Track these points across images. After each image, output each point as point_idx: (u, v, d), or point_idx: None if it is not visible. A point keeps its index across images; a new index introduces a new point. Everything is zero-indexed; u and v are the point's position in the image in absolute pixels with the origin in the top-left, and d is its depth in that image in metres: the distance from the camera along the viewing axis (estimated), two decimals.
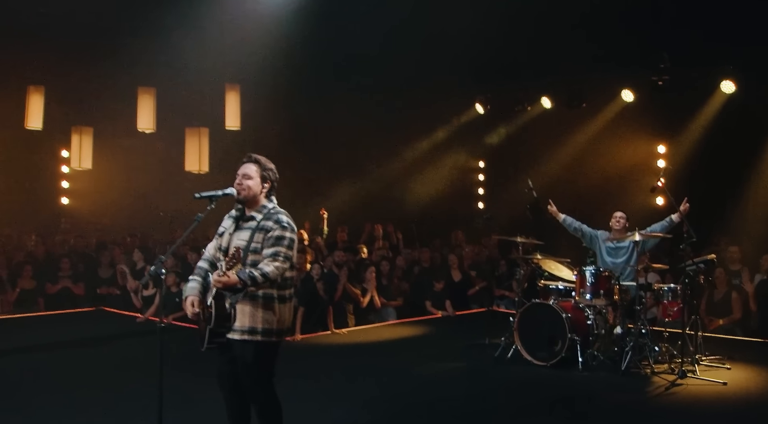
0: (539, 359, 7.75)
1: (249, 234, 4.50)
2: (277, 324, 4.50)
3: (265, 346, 4.48)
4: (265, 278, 4.31)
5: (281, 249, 4.42)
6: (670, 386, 6.99)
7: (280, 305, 4.52)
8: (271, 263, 4.36)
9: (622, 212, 8.38)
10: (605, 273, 7.86)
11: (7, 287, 10.91)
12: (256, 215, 4.56)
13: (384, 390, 6.96)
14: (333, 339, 9.28)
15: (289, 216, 4.62)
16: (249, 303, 4.43)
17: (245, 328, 4.43)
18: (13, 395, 6.56)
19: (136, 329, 9.87)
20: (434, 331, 10.03)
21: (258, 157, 4.67)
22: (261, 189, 4.60)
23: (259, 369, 4.51)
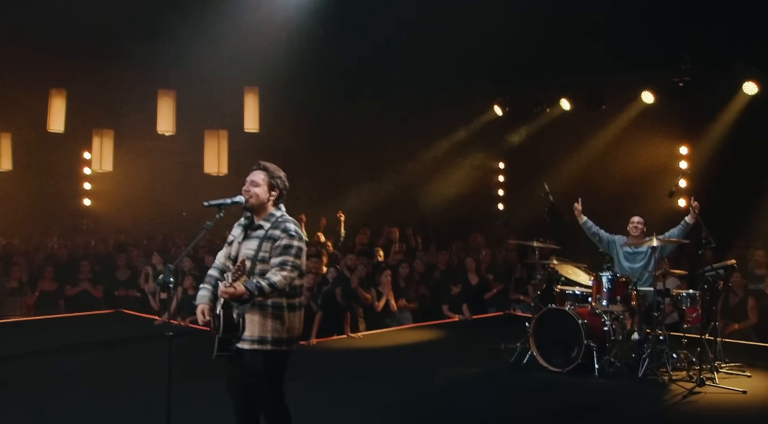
0: (555, 366, 7.67)
1: (257, 243, 4.48)
2: (287, 333, 4.48)
3: (275, 355, 4.46)
4: (272, 287, 4.29)
5: (289, 258, 4.40)
6: (688, 395, 6.87)
7: (290, 313, 4.50)
8: (279, 273, 4.34)
9: (640, 217, 8.26)
10: (622, 279, 7.76)
11: (27, 290, 11.02)
12: (264, 224, 4.53)
13: (399, 396, 6.93)
14: (348, 343, 9.26)
15: (297, 224, 4.60)
16: (258, 312, 4.42)
17: (255, 337, 4.41)
18: (30, 397, 6.61)
19: (154, 331, 9.93)
20: (450, 335, 9.97)
21: (267, 164, 4.65)
22: (268, 197, 4.57)
23: (269, 378, 4.49)
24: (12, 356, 8.19)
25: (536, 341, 7.87)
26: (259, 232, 4.52)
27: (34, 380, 7.28)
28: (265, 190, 4.56)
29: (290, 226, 4.51)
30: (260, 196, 4.55)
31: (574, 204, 8.51)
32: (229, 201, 4.59)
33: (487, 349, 8.66)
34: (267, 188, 4.56)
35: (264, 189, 4.56)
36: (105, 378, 7.38)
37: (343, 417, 6.21)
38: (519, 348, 8.12)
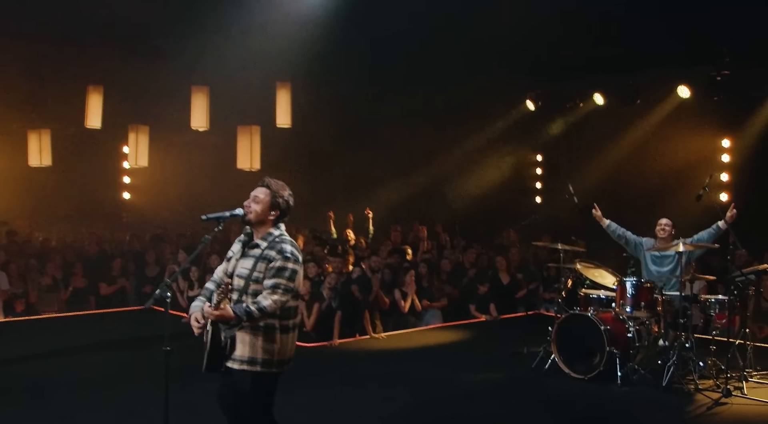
0: (577, 372, 7.51)
1: (252, 263, 4.40)
2: (278, 355, 4.39)
3: (264, 376, 4.37)
4: (261, 312, 4.22)
5: (282, 281, 4.30)
6: (713, 406, 6.66)
7: (282, 335, 4.40)
8: (270, 297, 4.25)
9: (668, 220, 8.00)
10: (647, 284, 7.55)
11: (60, 286, 11.22)
12: (261, 243, 4.44)
13: (411, 403, 6.84)
14: (370, 344, 9.22)
15: (294, 245, 4.47)
16: (249, 333, 4.33)
17: (245, 358, 4.34)
18: (52, 395, 6.74)
19: (180, 329, 10.02)
20: (475, 336, 9.85)
21: (272, 182, 4.54)
22: (268, 216, 4.48)
23: (256, 400, 4.42)
24: (44, 353, 8.38)
25: (558, 346, 7.71)
26: (256, 251, 4.44)
27: (54, 377, 7.41)
28: (266, 209, 4.46)
29: (286, 247, 4.39)
30: (260, 214, 4.45)
31: (593, 210, 8.30)
32: (228, 214, 4.54)
33: (510, 353, 8.52)
34: (268, 207, 4.46)
35: (265, 207, 4.46)
36: (122, 377, 7.46)
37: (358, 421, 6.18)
38: (541, 353, 7.97)
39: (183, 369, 4.52)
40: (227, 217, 4.55)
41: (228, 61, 12.30)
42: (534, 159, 16.75)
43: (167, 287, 4.24)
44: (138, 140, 14.53)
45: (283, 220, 4.56)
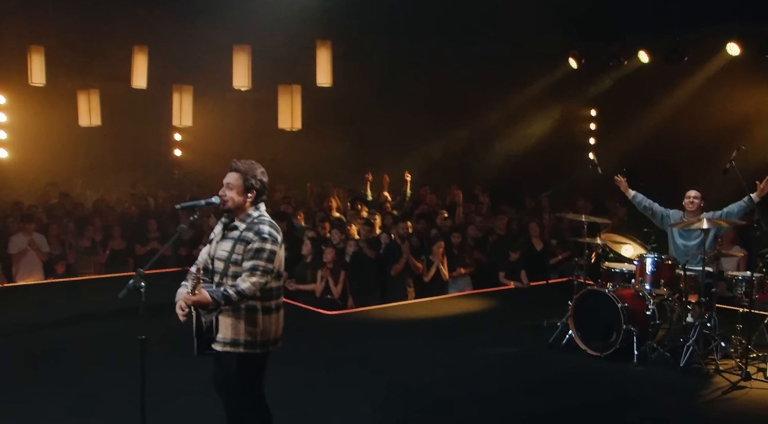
0: (593, 349, 7.34)
1: (231, 245, 4.42)
2: (261, 336, 4.42)
3: (248, 357, 4.42)
4: (240, 295, 4.23)
5: (260, 263, 4.30)
6: (729, 390, 6.42)
7: (264, 316, 4.43)
8: (248, 279, 4.26)
9: (697, 192, 7.63)
10: (668, 261, 7.29)
11: (99, 249, 11.52)
12: (240, 225, 4.45)
13: (419, 377, 6.81)
14: (391, 313, 9.22)
15: (273, 226, 4.47)
16: (231, 315, 4.37)
17: (227, 340, 4.39)
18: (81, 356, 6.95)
19: None
20: (498, 306, 9.72)
21: (241, 165, 4.51)
22: (245, 199, 4.47)
23: (243, 380, 4.48)
24: (75, 316, 8.67)
25: (575, 322, 7.54)
26: (234, 233, 4.45)
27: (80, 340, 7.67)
28: (241, 193, 4.45)
29: (264, 228, 4.39)
30: (235, 199, 4.45)
31: (616, 178, 7.99)
32: (203, 202, 4.56)
33: (530, 325, 8.36)
34: (242, 191, 4.45)
35: (239, 192, 4.45)
36: None
37: (368, 394, 6.28)
38: (559, 327, 7.81)
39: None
40: (202, 205, 4.57)
41: (269, 20, 12.22)
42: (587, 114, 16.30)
43: (140, 277, 4.26)
44: (182, 100, 14.74)
45: (261, 199, 4.54)
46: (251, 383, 4.51)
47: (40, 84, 13.00)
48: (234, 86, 13.51)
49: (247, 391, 4.52)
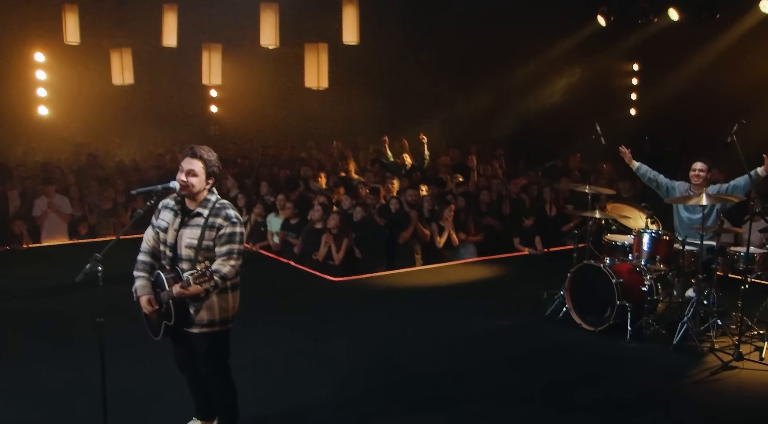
0: (588, 324, 7.26)
1: (199, 232, 4.47)
2: (231, 311, 4.61)
3: (222, 334, 4.59)
4: (224, 279, 4.41)
5: (234, 246, 4.45)
6: (719, 370, 6.28)
7: (233, 293, 4.61)
8: (227, 263, 4.41)
9: (703, 164, 7.34)
10: (665, 237, 7.10)
11: (121, 211, 11.77)
12: (202, 211, 4.50)
13: (412, 348, 6.87)
14: (395, 280, 9.25)
15: (233, 208, 4.58)
16: (205, 297, 4.48)
17: (204, 321, 4.51)
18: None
19: None
20: (506, 274, 9.66)
21: (201, 151, 4.53)
22: (205, 186, 4.53)
23: (215, 357, 4.63)
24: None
25: (572, 296, 7.46)
26: (199, 220, 4.50)
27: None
28: (203, 180, 4.52)
29: (231, 212, 4.51)
30: (197, 186, 4.51)
31: (620, 149, 7.76)
32: (160, 187, 4.59)
33: (531, 295, 8.28)
34: (204, 178, 4.52)
35: (201, 179, 4.51)
36: None
37: (360, 362, 6.41)
38: (557, 300, 7.73)
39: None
40: (159, 190, 4.59)
41: None
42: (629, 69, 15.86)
43: (97, 262, 4.35)
44: (211, 58, 14.77)
45: (215, 184, 4.63)
46: (223, 357, 4.68)
47: (75, 43, 13.15)
48: (261, 44, 13.47)
49: (218, 366, 4.67)
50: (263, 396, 5.62)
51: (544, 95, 15.03)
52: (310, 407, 5.51)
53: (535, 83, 14.96)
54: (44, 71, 15.42)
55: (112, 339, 5.44)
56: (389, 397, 5.76)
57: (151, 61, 15.29)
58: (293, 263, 9.88)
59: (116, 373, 5.24)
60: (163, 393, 5.49)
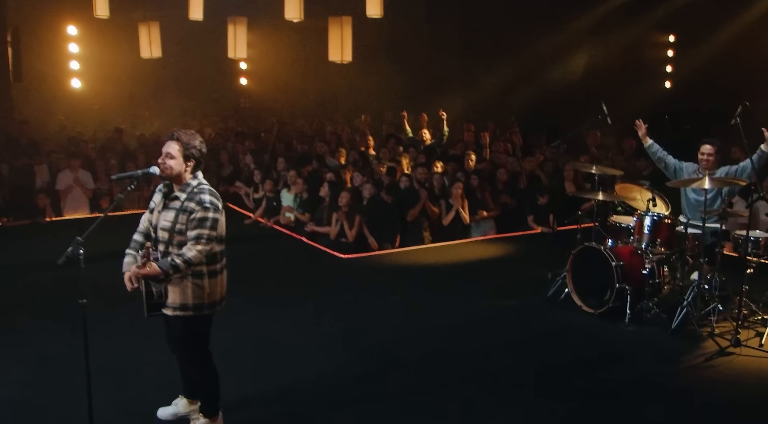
0: (588, 306, 7.23)
1: (174, 215, 4.55)
2: (208, 298, 4.62)
3: (197, 319, 4.63)
4: (187, 264, 4.42)
5: (204, 231, 4.46)
6: (714, 356, 6.19)
7: (210, 279, 4.62)
8: (194, 247, 4.44)
9: (711, 146, 7.18)
10: (666, 220, 7.00)
11: (144, 184, 11.98)
12: (180, 195, 4.57)
13: (411, 328, 6.92)
14: (404, 258, 9.30)
15: (213, 193, 4.59)
16: (179, 280, 4.54)
17: (176, 304, 4.58)
18: None
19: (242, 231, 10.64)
20: (515, 252, 9.65)
21: (181, 134, 4.60)
22: (185, 168, 4.58)
23: (191, 340, 4.71)
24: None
25: (573, 278, 7.42)
26: (176, 203, 4.58)
27: None
28: (181, 162, 4.56)
29: (205, 197, 4.52)
30: (175, 168, 4.56)
31: (637, 122, 7.58)
32: (140, 173, 4.67)
33: (537, 275, 8.22)
34: (182, 160, 4.56)
35: (179, 161, 4.56)
36: None
37: (351, 343, 6.49)
38: (559, 282, 7.70)
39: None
40: (139, 175, 4.68)
41: None
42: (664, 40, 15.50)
43: (79, 245, 4.46)
44: (236, 32, 14.86)
45: (199, 168, 4.67)
46: (198, 342, 4.74)
47: (104, 16, 13.30)
48: (285, 18, 13.47)
49: (195, 350, 4.76)
50: (251, 374, 5.77)
51: (571, 68, 14.75)
52: (296, 386, 5.61)
53: (560, 56, 14.70)
54: (77, 44, 15.58)
55: (109, 317, 5.61)
56: (376, 378, 5.82)
57: (179, 34, 15.41)
58: (305, 239, 9.98)
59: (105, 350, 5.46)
60: (157, 371, 5.62)
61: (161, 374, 5.39)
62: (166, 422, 5.02)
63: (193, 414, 4.92)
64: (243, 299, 7.33)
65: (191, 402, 5.00)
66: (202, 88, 17.69)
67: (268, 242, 10.07)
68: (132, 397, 5.35)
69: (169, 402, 5.08)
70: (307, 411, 5.24)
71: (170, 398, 5.09)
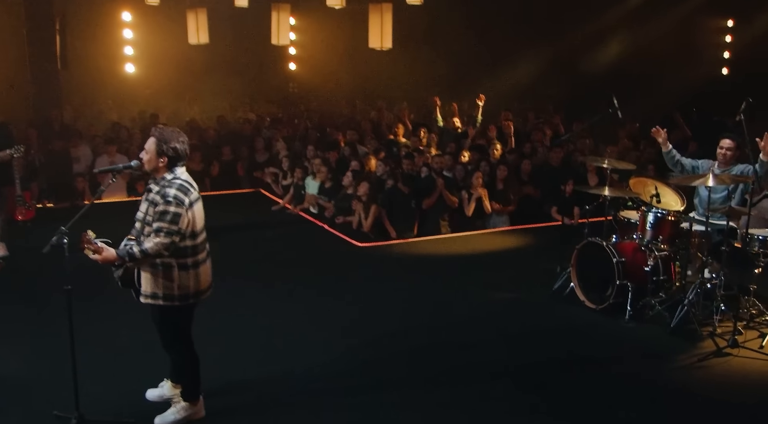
0: (591, 301, 7.21)
1: (146, 206, 4.76)
2: (178, 290, 4.76)
3: (168, 309, 4.80)
4: (143, 254, 4.58)
5: (163, 225, 4.59)
6: (708, 357, 6.12)
7: (181, 272, 4.75)
8: (153, 239, 4.59)
9: (731, 141, 7.02)
10: (670, 217, 6.90)
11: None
12: (153, 188, 4.76)
13: (414, 320, 7.01)
14: (419, 248, 9.39)
15: (181, 189, 4.68)
16: (150, 270, 4.74)
17: (148, 293, 4.78)
18: None
19: (265, 217, 10.88)
20: (528, 244, 9.63)
21: (162, 131, 4.77)
22: (158, 163, 4.75)
23: (166, 328, 4.91)
24: None
25: (577, 272, 7.39)
26: (149, 195, 4.78)
27: None
28: (154, 157, 4.73)
29: (169, 191, 4.64)
30: (150, 162, 4.75)
31: (655, 129, 7.40)
32: (121, 166, 4.96)
33: (547, 268, 8.19)
34: (155, 155, 4.73)
35: (153, 156, 4.73)
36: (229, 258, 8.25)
37: (351, 332, 6.63)
38: (564, 276, 7.67)
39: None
40: (120, 169, 4.95)
41: None
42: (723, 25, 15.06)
43: (63, 235, 4.72)
44: (280, 18, 15.07)
45: (177, 164, 4.79)
46: (174, 331, 4.94)
47: (155, 3, 13.68)
48: (327, 4, 13.59)
49: (171, 337, 4.96)
50: (243, 359, 5.99)
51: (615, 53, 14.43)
52: (285, 373, 5.77)
53: (604, 40, 14.38)
54: (131, 30, 15.96)
55: None
56: (370, 367, 5.95)
57: (226, 20, 15.68)
58: (327, 226, 10.16)
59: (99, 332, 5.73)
60: (147, 353, 5.78)
61: (151, 357, 5.60)
62: (153, 403, 5.26)
63: (175, 397, 5.14)
64: (251, 284, 7.71)
65: (175, 386, 5.21)
66: (249, 74, 18.01)
67: (290, 229, 10.29)
68: (122, 377, 5.62)
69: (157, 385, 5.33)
70: (288, 398, 5.40)
71: (159, 381, 5.33)
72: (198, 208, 4.82)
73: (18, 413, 5.14)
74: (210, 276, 4.96)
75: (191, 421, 5.04)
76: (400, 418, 5.18)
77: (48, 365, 5.78)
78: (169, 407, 5.08)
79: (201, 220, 4.85)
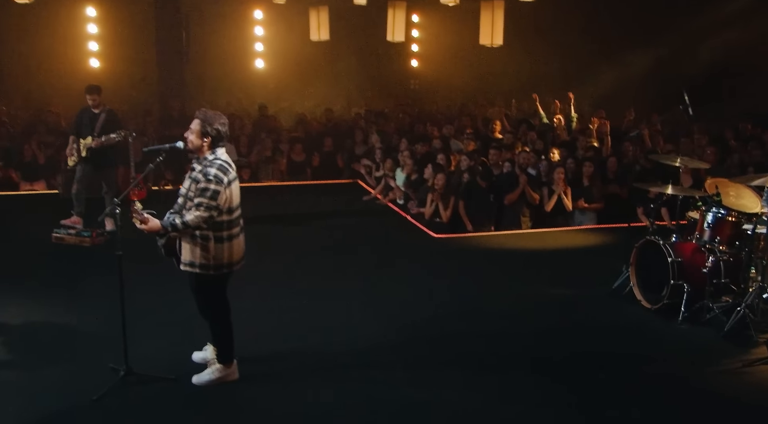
0: (647, 301, 7.07)
1: (189, 183, 5.24)
2: (214, 260, 5.22)
3: (204, 277, 5.28)
4: (185, 225, 5.06)
5: (204, 200, 5.05)
6: (753, 363, 5.88)
7: (216, 244, 5.20)
8: (193, 212, 5.07)
9: None
10: (730, 217, 6.64)
11: (279, 158, 12.99)
12: (196, 166, 5.23)
13: (455, 307, 7.17)
14: (496, 241, 9.49)
15: (221, 168, 5.12)
16: (189, 241, 5.22)
17: (186, 261, 5.27)
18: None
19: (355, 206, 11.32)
20: (605, 243, 9.42)
21: (206, 113, 5.22)
22: (202, 143, 5.22)
23: (202, 296, 5.40)
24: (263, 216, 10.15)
25: (636, 271, 7.26)
26: (192, 173, 5.26)
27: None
28: (198, 138, 5.19)
29: (211, 170, 5.10)
30: (194, 142, 5.22)
31: None
32: (167, 146, 5.41)
33: (613, 266, 8.01)
34: (200, 136, 5.19)
35: (197, 136, 5.20)
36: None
37: (373, 312, 6.92)
38: (626, 274, 7.53)
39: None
40: (166, 148, 5.42)
41: None
42: None
43: (116, 205, 5.29)
44: (395, 15, 15.53)
45: (218, 145, 5.24)
46: (208, 297, 5.41)
47: (281, 1, 14.41)
48: (441, 1, 13.86)
49: (206, 303, 5.44)
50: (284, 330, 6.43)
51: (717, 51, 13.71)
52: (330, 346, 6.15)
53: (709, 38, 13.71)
54: (261, 27, 16.76)
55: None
56: (395, 349, 6.17)
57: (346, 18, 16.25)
58: (409, 217, 10.43)
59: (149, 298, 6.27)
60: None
61: (198, 322, 5.99)
62: (197, 364, 5.76)
63: (211, 360, 5.62)
64: (316, 264, 8.18)
65: (216, 349, 5.69)
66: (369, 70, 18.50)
67: (373, 218, 10.63)
68: (171, 340, 6.16)
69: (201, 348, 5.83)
70: (319, 369, 5.74)
71: (203, 344, 5.83)
72: (235, 186, 5.27)
73: (80, 361, 5.81)
74: (243, 249, 5.39)
75: (224, 382, 5.49)
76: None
77: (108, 324, 6.23)
78: None
79: (237, 197, 5.30)
